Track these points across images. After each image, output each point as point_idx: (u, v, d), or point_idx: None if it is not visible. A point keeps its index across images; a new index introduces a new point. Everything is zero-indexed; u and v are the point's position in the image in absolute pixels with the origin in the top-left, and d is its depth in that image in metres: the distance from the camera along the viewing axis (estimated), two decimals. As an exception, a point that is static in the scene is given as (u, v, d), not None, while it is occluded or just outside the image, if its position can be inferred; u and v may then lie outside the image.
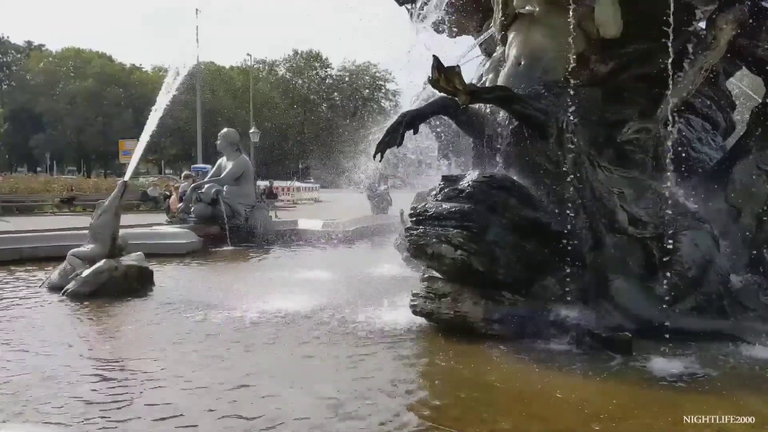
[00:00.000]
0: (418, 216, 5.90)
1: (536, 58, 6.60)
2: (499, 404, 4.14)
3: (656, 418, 3.83)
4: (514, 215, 5.71)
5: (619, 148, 6.40)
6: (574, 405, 4.06)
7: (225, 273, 10.69)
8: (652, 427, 3.74)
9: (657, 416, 3.85)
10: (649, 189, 6.04)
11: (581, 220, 5.84)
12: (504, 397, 4.27)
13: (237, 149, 15.45)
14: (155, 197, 28.26)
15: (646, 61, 6.53)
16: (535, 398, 4.23)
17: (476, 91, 6.06)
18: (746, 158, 6.44)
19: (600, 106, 6.71)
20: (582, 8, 6.34)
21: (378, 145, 6.66)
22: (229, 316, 6.52)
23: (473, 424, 3.71)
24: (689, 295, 5.59)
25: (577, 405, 4.06)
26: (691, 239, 5.69)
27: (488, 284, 5.61)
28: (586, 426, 3.68)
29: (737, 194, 6.32)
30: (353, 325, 6.07)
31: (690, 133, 7.01)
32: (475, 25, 9.27)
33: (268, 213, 15.79)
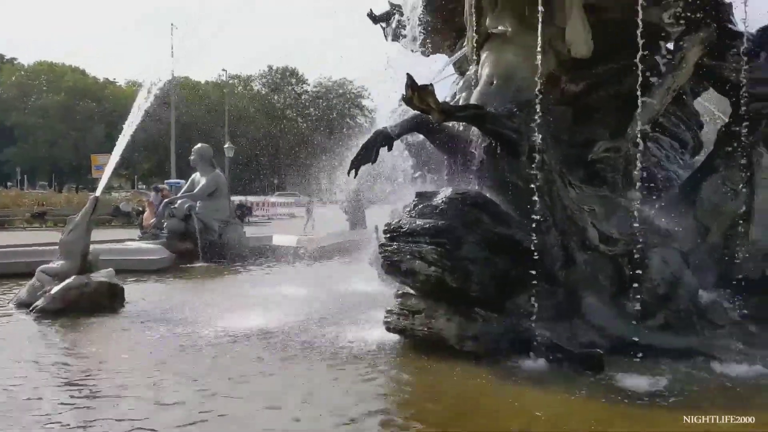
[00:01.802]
0: (392, 232, 5.91)
1: (508, 78, 6.68)
2: (474, 421, 4.15)
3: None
4: (488, 232, 5.74)
5: (590, 166, 6.50)
6: (549, 421, 4.09)
7: (197, 289, 10.58)
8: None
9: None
10: (619, 207, 6.13)
11: (553, 238, 5.90)
12: (478, 415, 4.28)
13: (211, 164, 15.36)
14: (128, 212, 27.92)
15: (615, 81, 6.66)
16: (510, 415, 4.24)
17: (449, 110, 6.11)
18: (714, 176, 6.56)
19: (571, 125, 6.83)
20: (553, 28, 6.45)
21: (352, 162, 6.69)
22: (200, 334, 6.46)
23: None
24: (659, 311, 5.67)
25: (551, 421, 4.09)
26: (661, 256, 5.78)
27: (462, 301, 5.62)
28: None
29: (705, 212, 6.44)
30: (325, 342, 6.04)
31: (659, 152, 7.14)
32: (449, 44, 9.37)
33: (242, 228, 15.67)
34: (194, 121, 63.90)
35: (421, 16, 8.25)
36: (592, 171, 6.54)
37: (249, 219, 31.18)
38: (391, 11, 9.39)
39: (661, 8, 6.53)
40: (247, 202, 35.98)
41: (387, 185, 9.59)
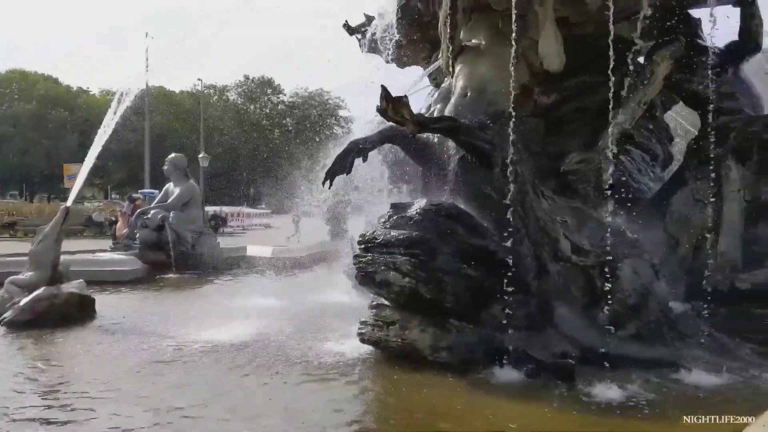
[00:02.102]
0: (367, 243, 5.91)
1: (482, 90, 6.76)
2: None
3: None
4: (462, 243, 5.76)
5: (562, 178, 6.58)
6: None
7: (169, 301, 10.46)
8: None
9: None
10: (590, 218, 6.20)
11: (526, 248, 5.95)
12: (450, 425, 4.28)
13: (185, 174, 15.24)
14: (100, 222, 27.61)
15: (587, 94, 6.75)
16: (482, 426, 4.24)
17: (424, 121, 6.16)
18: (683, 189, 6.67)
19: (543, 137, 6.91)
20: (526, 42, 6.54)
21: (327, 173, 6.70)
22: (171, 346, 6.38)
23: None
24: (630, 322, 5.72)
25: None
26: (632, 267, 5.84)
27: (436, 311, 5.63)
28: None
29: (675, 224, 6.54)
30: (299, 353, 6.01)
31: (630, 164, 7.23)
32: (424, 56, 9.44)
33: (216, 239, 15.55)
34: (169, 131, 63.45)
35: (397, 28, 8.30)
36: (564, 182, 6.62)
37: (223, 230, 31.02)
38: (366, 23, 9.45)
39: (631, 23, 6.65)
40: (221, 212, 35.79)
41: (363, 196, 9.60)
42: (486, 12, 6.96)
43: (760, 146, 6.34)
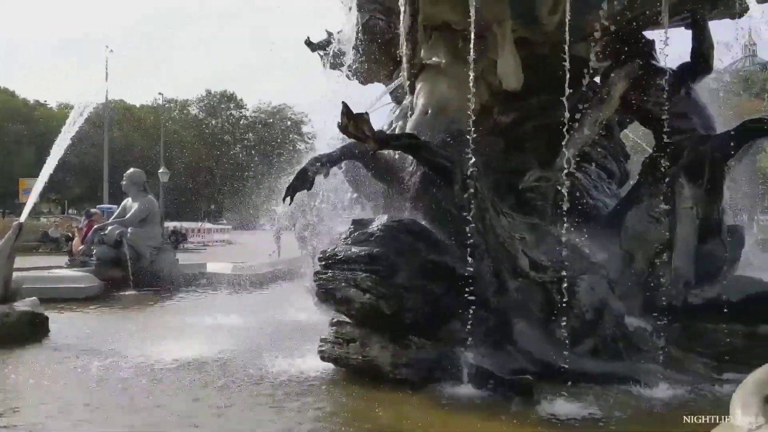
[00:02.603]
0: (327, 260, 5.89)
1: (442, 108, 6.82)
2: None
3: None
4: (422, 259, 5.79)
5: (521, 195, 6.66)
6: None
7: (126, 319, 10.25)
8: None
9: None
10: (548, 235, 6.28)
11: (486, 265, 5.99)
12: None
13: (143, 189, 15.01)
14: (56, 238, 27.01)
15: (545, 113, 6.87)
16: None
17: (384, 138, 6.19)
18: (638, 206, 6.79)
19: (503, 155, 7.00)
20: (486, 61, 6.63)
21: (288, 189, 6.68)
22: (127, 365, 6.25)
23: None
24: (587, 337, 5.80)
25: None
26: (588, 283, 5.93)
27: (396, 328, 5.63)
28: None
29: (630, 240, 6.65)
30: (258, 372, 5.94)
31: (587, 182, 7.37)
32: (386, 74, 9.50)
33: (174, 255, 15.33)
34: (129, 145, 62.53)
35: (359, 45, 8.34)
36: (522, 199, 6.71)
37: (183, 245, 30.58)
38: (328, 39, 9.47)
39: (588, 44, 6.80)
40: (181, 228, 35.30)
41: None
42: (446, 31, 7.04)
43: (711, 165, 6.50)
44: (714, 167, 6.52)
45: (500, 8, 6.46)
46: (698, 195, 6.49)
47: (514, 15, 6.55)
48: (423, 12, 6.51)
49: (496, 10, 6.45)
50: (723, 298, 6.05)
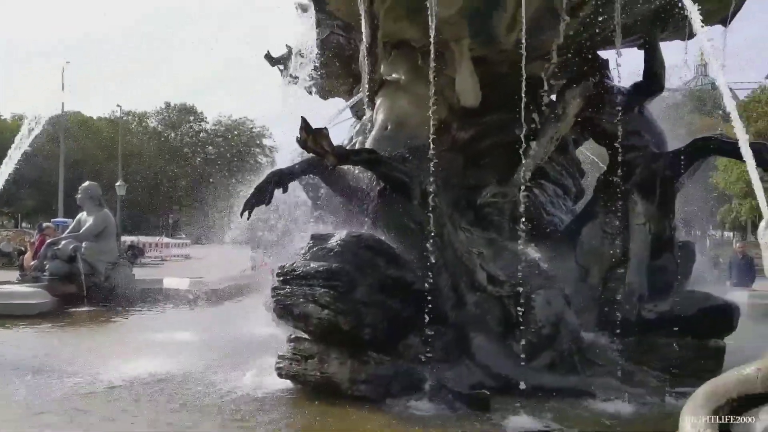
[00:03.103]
0: (285, 275, 5.84)
1: (401, 123, 6.87)
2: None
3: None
4: (381, 274, 5.79)
5: (479, 210, 6.74)
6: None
7: (79, 335, 10.00)
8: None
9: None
10: (506, 249, 6.35)
11: (444, 279, 6.03)
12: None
13: (99, 203, 14.71)
14: (8, 252, 26.29)
15: (502, 130, 6.97)
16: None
17: (344, 153, 6.20)
18: (593, 221, 6.92)
19: (461, 171, 7.07)
20: (444, 78, 6.71)
21: (245, 203, 6.61)
22: (78, 384, 6.09)
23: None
24: (543, 351, 5.86)
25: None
26: (545, 298, 6.00)
27: (355, 344, 5.60)
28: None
29: (585, 255, 6.77)
30: (214, 390, 5.84)
31: (543, 198, 7.48)
32: (346, 89, 9.53)
33: (131, 270, 15.04)
34: (85, 158, 61.37)
35: (319, 61, 8.35)
36: (481, 214, 6.78)
37: (141, 260, 30.07)
38: (288, 54, 9.46)
39: (544, 62, 6.93)
40: (138, 242, 34.71)
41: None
42: (406, 48, 7.11)
43: (663, 182, 6.67)
44: (665, 184, 6.69)
45: (458, 27, 6.54)
46: (651, 211, 6.64)
47: (472, 34, 6.66)
48: (383, 29, 6.56)
49: (454, 29, 6.54)
50: (675, 313, 6.19)
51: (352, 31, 7.35)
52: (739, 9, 7.00)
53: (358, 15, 6.44)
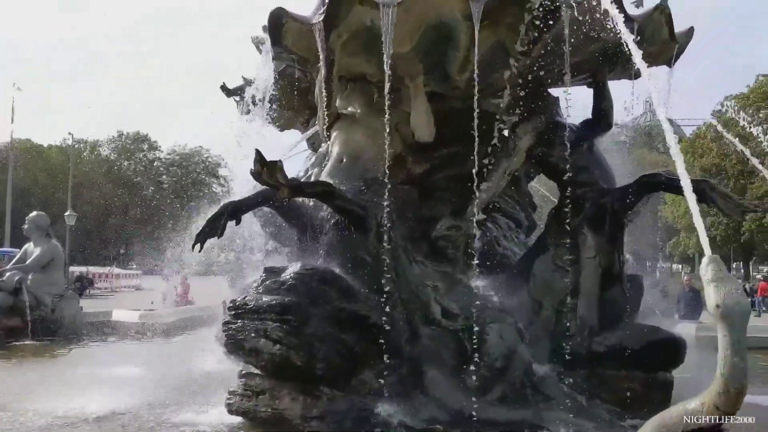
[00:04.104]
0: (237, 309, 5.76)
1: (357, 157, 6.90)
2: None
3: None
4: (335, 308, 5.75)
5: (433, 243, 6.78)
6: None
7: (21, 370, 9.64)
8: None
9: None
10: (459, 283, 6.39)
11: (398, 313, 6.01)
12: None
13: (46, 234, 14.34)
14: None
15: (456, 164, 7.05)
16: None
17: (298, 186, 6.18)
18: (545, 255, 7.02)
19: (416, 204, 7.11)
20: (399, 113, 6.77)
21: (198, 235, 6.51)
22: (17, 421, 5.86)
23: None
24: (496, 385, 5.87)
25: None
26: (497, 331, 6.03)
27: (307, 379, 5.54)
28: None
29: (538, 288, 6.84)
30: (161, 427, 5.68)
31: (496, 231, 7.58)
32: (303, 121, 9.56)
33: (78, 303, 14.62)
34: (35, 186, 59.89)
35: (275, 93, 8.36)
36: (435, 247, 6.81)
37: (89, 291, 29.28)
38: (244, 85, 9.45)
39: (497, 99, 7.07)
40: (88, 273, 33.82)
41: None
42: (361, 82, 7.17)
43: (612, 216, 6.81)
44: (615, 219, 6.82)
45: (413, 64, 6.65)
46: (601, 245, 6.76)
47: (427, 71, 6.76)
48: (339, 63, 6.61)
49: (408, 66, 6.63)
50: (624, 346, 6.28)
51: (308, 65, 7.38)
52: (683, 51, 7.25)
53: (315, 50, 6.48)
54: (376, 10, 5.93)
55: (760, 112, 33.85)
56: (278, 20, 6.49)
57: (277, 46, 6.84)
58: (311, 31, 6.33)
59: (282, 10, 6.42)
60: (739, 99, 36.88)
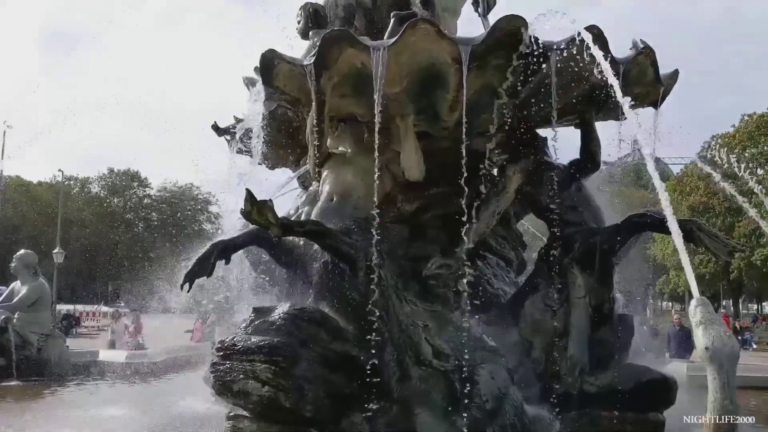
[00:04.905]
0: (226, 350, 5.71)
1: (347, 196, 6.93)
2: None
3: None
4: (324, 348, 5.72)
5: (424, 282, 6.76)
6: None
7: (6, 412, 9.44)
8: None
9: None
10: (450, 323, 6.37)
11: (389, 353, 5.97)
12: None
13: (34, 272, 14.20)
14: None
15: (447, 203, 7.08)
16: None
17: (289, 225, 6.19)
18: (535, 295, 7.02)
19: (406, 242, 7.13)
20: (389, 153, 6.84)
21: (186, 275, 6.50)
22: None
23: None
24: (487, 427, 5.80)
25: None
26: (489, 372, 5.99)
27: (296, 421, 5.48)
28: None
29: (529, 328, 6.83)
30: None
31: (487, 270, 7.58)
32: (293, 159, 9.59)
33: (64, 342, 14.43)
34: (23, 223, 59.55)
35: (266, 132, 8.41)
36: (425, 286, 6.80)
37: (76, 330, 28.95)
38: (236, 124, 9.51)
39: (486, 139, 7.13)
40: (75, 311, 33.48)
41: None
42: (352, 122, 7.23)
43: (601, 256, 6.84)
44: (604, 258, 6.85)
45: (403, 105, 6.73)
46: (590, 285, 6.78)
47: (417, 111, 6.84)
48: (329, 104, 6.69)
49: (399, 106, 6.71)
50: (615, 386, 6.26)
51: (299, 105, 7.46)
52: (669, 92, 7.38)
53: (306, 90, 6.57)
54: (366, 53, 6.04)
55: (746, 151, 34.28)
56: (270, 62, 6.59)
57: (269, 86, 6.93)
58: (302, 72, 6.42)
59: (274, 52, 6.53)
60: (726, 138, 37.38)
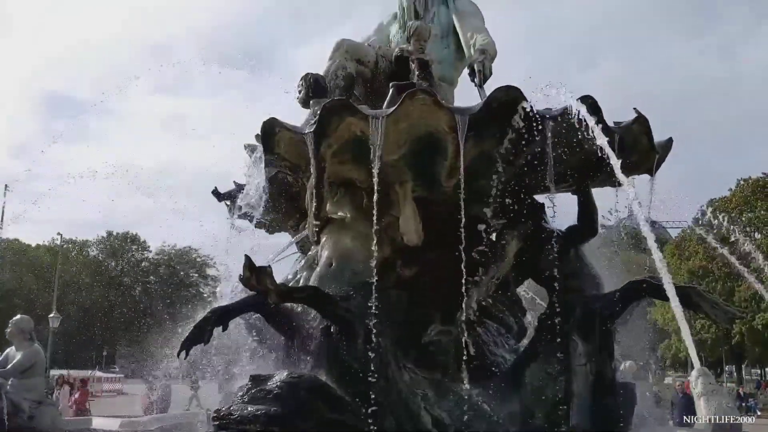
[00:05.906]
0: (222, 419, 5.62)
1: (346, 261, 6.94)
2: None
3: None
4: (322, 418, 5.65)
5: (423, 349, 6.70)
6: None
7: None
8: None
9: None
10: (450, 391, 6.29)
11: (388, 423, 5.88)
12: None
13: (29, 338, 14.03)
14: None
15: (445, 268, 7.07)
16: None
17: (287, 291, 6.20)
18: (536, 362, 6.92)
19: (405, 308, 7.09)
20: (388, 218, 6.88)
21: (183, 342, 6.45)
22: None
23: None
24: (488, 497, 5.67)
25: None
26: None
27: (292, 494, 5.34)
28: None
29: (529, 396, 6.71)
30: None
31: (486, 336, 7.51)
32: (293, 224, 9.63)
33: (57, 409, 14.14)
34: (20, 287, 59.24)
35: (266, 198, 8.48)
36: (425, 353, 6.74)
37: (73, 397, 28.33)
38: (236, 190, 9.59)
39: (483, 204, 7.18)
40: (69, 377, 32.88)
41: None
42: (351, 188, 7.31)
43: (602, 323, 6.80)
44: (604, 325, 6.81)
45: (401, 171, 6.82)
46: (591, 352, 6.71)
47: (415, 177, 6.93)
48: (329, 170, 6.78)
49: (397, 173, 6.81)
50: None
51: (299, 171, 7.55)
52: (663, 160, 7.46)
53: (306, 157, 6.67)
54: (365, 121, 6.16)
55: (742, 215, 34.45)
56: (271, 129, 6.72)
57: (270, 153, 7.04)
58: (303, 140, 6.54)
59: (275, 120, 6.66)
60: (723, 202, 37.59)
